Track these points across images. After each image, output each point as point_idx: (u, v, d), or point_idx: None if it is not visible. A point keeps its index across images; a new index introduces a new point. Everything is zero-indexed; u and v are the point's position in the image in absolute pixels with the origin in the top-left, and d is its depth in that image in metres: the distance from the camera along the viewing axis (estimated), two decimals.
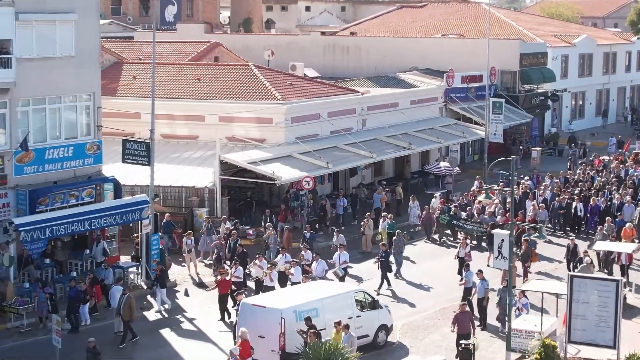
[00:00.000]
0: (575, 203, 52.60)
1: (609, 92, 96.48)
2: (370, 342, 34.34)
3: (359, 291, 34.99)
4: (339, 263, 41.58)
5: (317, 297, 33.02)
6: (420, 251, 49.07)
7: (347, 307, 33.70)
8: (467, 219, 50.62)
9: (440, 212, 51.27)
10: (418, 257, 47.68)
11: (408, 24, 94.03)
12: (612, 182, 57.55)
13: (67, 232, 39.08)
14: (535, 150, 71.44)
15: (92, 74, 43.61)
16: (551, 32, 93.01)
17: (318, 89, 58.70)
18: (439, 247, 50.47)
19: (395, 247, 44.83)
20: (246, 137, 53.16)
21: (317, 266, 40.41)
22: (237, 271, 39.91)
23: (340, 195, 53.94)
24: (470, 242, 48.41)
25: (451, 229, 51.29)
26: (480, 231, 49.28)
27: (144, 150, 42.19)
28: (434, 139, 61.31)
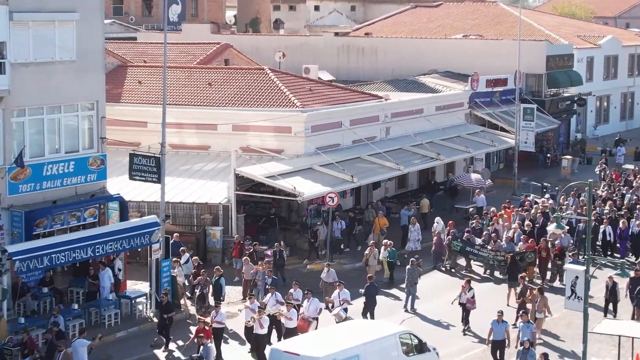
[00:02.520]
0: (604, 226, 46.72)
1: (634, 95, 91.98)
2: None
3: (404, 332, 30.45)
4: (339, 302, 35.90)
5: (358, 342, 28.54)
6: (432, 282, 43.13)
7: (392, 352, 29.33)
8: (482, 246, 44.76)
9: (452, 237, 45.33)
10: (431, 290, 41.73)
11: (423, 24, 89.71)
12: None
13: (68, 260, 34.59)
14: (566, 159, 66.87)
15: (96, 80, 39.26)
16: (573, 32, 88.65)
17: (339, 95, 54.22)
18: (451, 277, 44.40)
19: (408, 278, 39.44)
20: (262, 148, 48.78)
21: (310, 305, 34.70)
22: (219, 316, 33.97)
23: (337, 217, 46.99)
24: (486, 272, 44.52)
25: (465, 256, 45.37)
26: (497, 260, 43.75)
27: (153, 165, 37.71)
28: (462, 148, 56.81)
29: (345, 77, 72.23)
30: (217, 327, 33.60)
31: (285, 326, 33.86)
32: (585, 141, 78.59)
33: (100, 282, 37.27)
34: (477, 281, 42.82)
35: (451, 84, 69.26)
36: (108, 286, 37.27)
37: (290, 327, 33.62)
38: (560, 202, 51.76)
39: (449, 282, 43.43)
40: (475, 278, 43.23)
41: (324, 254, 45.53)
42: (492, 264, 44.28)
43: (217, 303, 35.42)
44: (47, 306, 36.81)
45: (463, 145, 57.20)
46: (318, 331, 31.67)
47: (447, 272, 45.11)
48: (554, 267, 43.51)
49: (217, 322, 33.63)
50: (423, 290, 40.29)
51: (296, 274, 43.21)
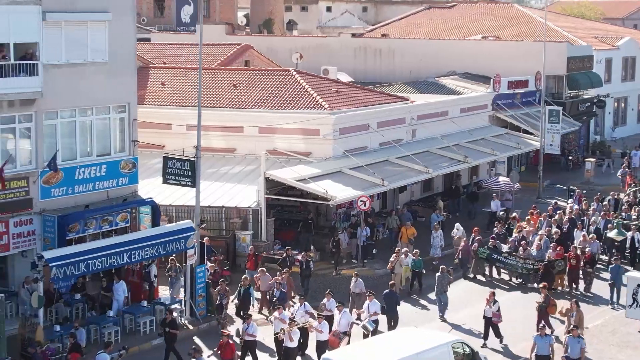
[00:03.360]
0: (632, 233, 44.23)
1: None
2: None
3: (456, 341, 29.56)
4: (368, 314, 34.29)
5: (412, 352, 27.61)
6: (460, 291, 41.43)
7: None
8: (510, 253, 43.22)
9: (479, 244, 43.66)
10: (459, 299, 40.08)
11: (438, 25, 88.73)
12: None
13: (104, 266, 33.69)
14: (589, 162, 65.98)
15: (127, 82, 38.61)
16: (590, 34, 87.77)
17: (365, 97, 53.34)
18: (480, 285, 42.85)
19: (438, 285, 38.14)
20: (289, 151, 47.85)
21: (341, 318, 33.19)
22: (250, 328, 32.43)
23: (362, 224, 45.46)
24: (514, 279, 43.01)
25: (491, 264, 43.85)
26: (526, 268, 42.25)
27: (188, 169, 36.90)
28: (488, 151, 55.89)
29: (362, 79, 71.26)
30: (249, 340, 32.34)
31: (317, 339, 32.49)
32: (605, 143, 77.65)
33: (114, 294, 35.88)
34: (505, 290, 41.86)
35: (471, 86, 68.45)
36: (122, 300, 35.89)
37: (321, 340, 32.29)
38: (584, 208, 50.77)
39: (477, 291, 41.68)
40: (503, 287, 42.23)
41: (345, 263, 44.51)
42: (520, 272, 42.67)
43: (247, 315, 33.81)
44: (80, 313, 36.02)
45: (489, 148, 56.32)
46: (369, 340, 30.73)
47: (473, 280, 43.55)
48: (585, 275, 42.09)
49: (249, 334, 32.29)
50: (451, 300, 38.83)
51: (327, 280, 42.34)
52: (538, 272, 41.54)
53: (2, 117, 34.12)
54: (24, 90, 34.21)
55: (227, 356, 30.96)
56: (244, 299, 36.67)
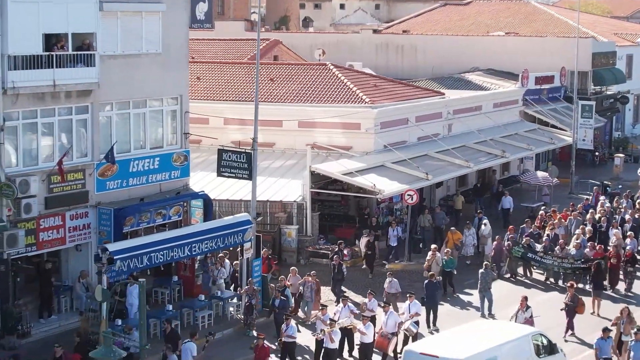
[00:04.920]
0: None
1: None
2: None
3: (535, 333, 29.16)
4: (409, 315, 33.03)
5: (496, 343, 27.23)
6: (497, 291, 38.98)
7: (525, 353, 28.03)
8: (545, 252, 41.71)
9: (512, 242, 42.29)
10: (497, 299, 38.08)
11: (455, 22, 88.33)
12: None
13: (166, 259, 33.23)
14: (618, 157, 65.68)
15: (180, 74, 38.14)
16: (609, 30, 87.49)
17: (403, 91, 53.03)
18: (515, 285, 41.62)
19: (481, 282, 37.19)
20: (330, 145, 47.39)
21: (388, 319, 31.95)
22: (289, 329, 31.28)
23: (393, 223, 44.50)
24: (548, 280, 41.79)
25: (526, 263, 42.58)
26: (563, 267, 40.94)
27: (244, 161, 36.49)
28: (524, 146, 55.55)
29: (384, 75, 70.73)
30: (288, 342, 31.31)
31: (361, 341, 31.54)
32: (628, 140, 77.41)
33: (128, 299, 33.88)
34: (542, 290, 40.90)
35: (497, 82, 68.18)
36: (136, 304, 33.58)
37: (365, 342, 31.34)
38: (615, 205, 50.16)
39: (513, 290, 40.13)
40: (539, 287, 41.26)
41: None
42: (557, 272, 41.43)
43: (287, 315, 32.93)
44: None
45: (524, 143, 55.97)
46: (448, 332, 30.20)
47: (508, 280, 42.16)
48: (626, 274, 40.92)
49: (288, 335, 31.27)
50: None
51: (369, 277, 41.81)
52: (576, 272, 40.45)
53: (60, 109, 33.57)
54: (81, 81, 33.70)
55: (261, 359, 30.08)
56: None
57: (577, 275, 40.47)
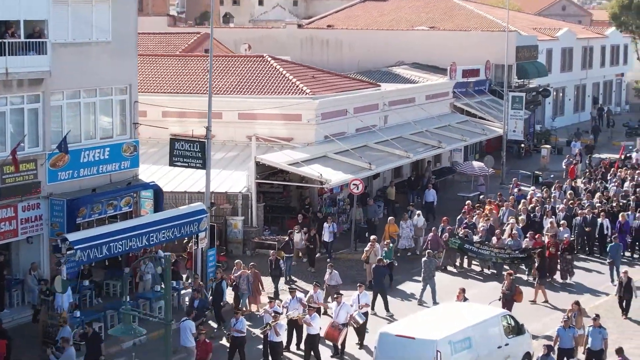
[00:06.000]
0: (601, 219, 44.51)
1: (585, 87, 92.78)
2: None
3: (504, 314, 29.50)
4: (358, 306, 32.61)
5: (469, 324, 27.47)
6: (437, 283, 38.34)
7: (497, 335, 28.33)
8: (482, 242, 41.74)
9: (449, 233, 42.22)
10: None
11: (376, 17, 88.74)
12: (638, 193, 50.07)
13: (124, 249, 32.71)
14: (544, 148, 66.79)
15: (129, 63, 37.57)
16: (529, 25, 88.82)
17: (340, 83, 53.18)
18: (453, 276, 41.47)
19: (425, 271, 37.23)
20: (271, 136, 47.19)
21: (340, 310, 31.55)
22: (238, 324, 30.52)
23: (329, 219, 43.77)
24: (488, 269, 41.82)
25: (463, 254, 42.62)
26: (502, 258, 40.83)
27: (197, 150, 36.15)
28: (458, 137, 56.12)
29: None
30: (237, 336, 30.54)
31: (307, 332, 31.04)
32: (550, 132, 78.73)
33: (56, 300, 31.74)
34: (480, 281, 40.90)
35: (424, 75, 68.71)
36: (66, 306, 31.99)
37: (312, 334, 30.82)
38: (545, 195, 50.72)
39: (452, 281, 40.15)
40: (477, 278, 41.30)
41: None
42: (494, 262, 41.41)
43: (236, 309, 32.49)
44: (87, 300, 35.00)
45: (458, 134, 56.52)
46: (421, 314, 30.31)
47: (445, 272, 41.83)
48: (564, 263, 40.91)
49: (237, 330, 30.51)
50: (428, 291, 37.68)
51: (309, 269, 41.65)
52: (514, 262, 40.66)
53: (12, 97, 32.86)
54: (34, 70, 32.96)
55: (201, 355, 29.08)
56: (216, 293, 34.81)
57: (515, 265, 40.79)
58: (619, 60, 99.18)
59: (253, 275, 35.87)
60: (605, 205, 47.25)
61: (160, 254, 36.23)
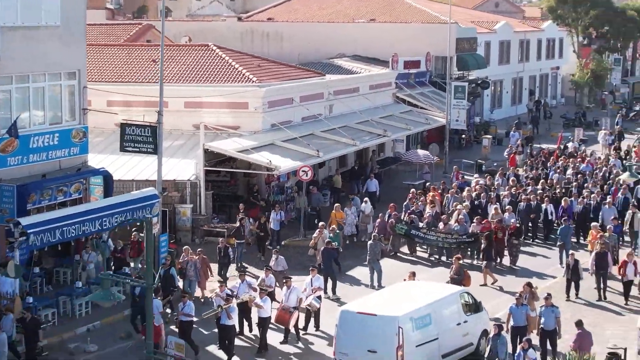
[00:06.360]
0: (545, 205, 44.98)
1: (522, 80, 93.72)
2: (473, 351, 29.06)
3: (463, 291, 29.69)
4: (311, 290, 32.66)
5: (428, 301, 27.62)
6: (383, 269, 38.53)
7: (456, 311, 28.54)
8: (429, 228, 42.08)
9: (395, 219, 42.39)
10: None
11: (315, 11, 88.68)
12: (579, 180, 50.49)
13: (78, 234, 32.45)
14: (486, 139, 67.36)
15: (78, 48, 37.14)
16: (467, 19, 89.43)
17: (286, 72, 53.26)
18: (400, 262, 41.44)
19: (370, 254, 37.64)
20: (217, 125, 46.98)
21: (290, 293, 31.59)
22: (186, 308, 30.29)
23: (276, 207, 43.83)
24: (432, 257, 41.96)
25: (410, 240, 42.59)
26: (449, 243, 41.20)
27: (149, 135, 35.84)
28: (403, 126, 56.45)
29: None
30: (185, 321, 30.18)
31: (259, 315, 31.08)
32: (489, 124, 79.41)
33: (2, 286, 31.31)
34: (428, 267, 41.08)
35: (365, 67, 68.78)
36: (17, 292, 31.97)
37: (263, 317, 30.83)
38: (489, 183, 51.12)
39: (399, 267, 40.16)
40: (426, 264, 41.48)
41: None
42: (441, 247, 41.77)
43: (183, 293, 32.27)
44: (38, 287, 34.59)
45: (403, 123, 56.81)
46: (380, 292, 30.40)
47: (394, 257, 41.88)
48: (510, 247, 41.28)
49: (185, 314, 30.18)
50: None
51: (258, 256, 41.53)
52: (461, 247, 40.97)
53: None
54: None
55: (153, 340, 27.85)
56: (164, 280, 33.95)
57: (462, 249, 41.09)
58: (554, 53, 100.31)
59: (201, 262, 35.73)
60: (549, 192, 47.78)
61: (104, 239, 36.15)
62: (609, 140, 69.30)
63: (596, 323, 31.81)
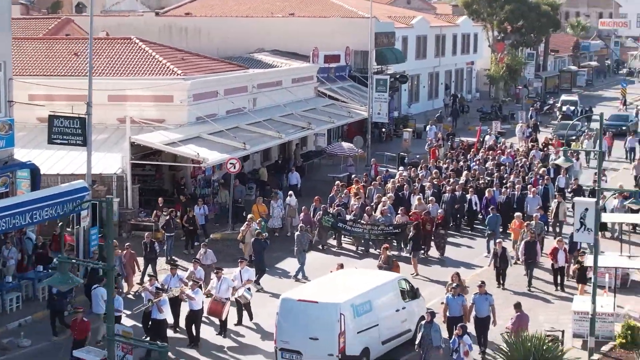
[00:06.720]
0: (470, 195, 45.63)
1: (438, 75, 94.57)
2: (411, 337, 29.22)
3: (400, 278, 29.84)
4: (240, 282, 32.44)
5: (368, 288, 27.73)
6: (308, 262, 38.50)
7: (395, 298, 28.73)
8: (355, 220, 42.16)
9: (323, 212, 42.21)
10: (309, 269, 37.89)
11: (233, 6, 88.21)
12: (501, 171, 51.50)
13: (8, 227, 31.77)
14: (406, 132, 67.79)
15: (3, 40, 36.37)
16: (384, 14, 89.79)
17: (210, 65, 53.04)
18: (327, 254, 41.44)
19: (297, 244, 37.92)
20: (142, 118, 46.53)
21: (221, 285, 31.43)
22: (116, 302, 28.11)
23: (200, 202, 43.51)
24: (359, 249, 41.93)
25: (336, 232, 42.72)
26: (375, 234, 41.25)
27: (78, 127, 35.36)
28: (327, 119, 56.54)
29: None
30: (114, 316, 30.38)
31: (190, 308, 30.59)
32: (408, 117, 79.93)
33: None
34: (356, 258, 41.05)
35: (285, 61, 68.78)
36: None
37: (194, 309, 30.46)
38: (412, 175, 51.46)
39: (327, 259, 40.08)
40: (354, 256, 41.43)
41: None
42: (367, 239, 41.84)
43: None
44: None
45: (326, 116, 56.92)
46: (319, 280, 30.30)
47: (321, 251, 41.92)
48: (438, 238, 41.40)
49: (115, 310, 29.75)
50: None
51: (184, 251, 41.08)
52: (388, 238, 41.07)
53: None
54: None
55: (80, 336, 27.88)
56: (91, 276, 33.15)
57: (389, 240, 41.30)
58: (469, 48, 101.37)
59: (128, 256, 35.33)
60: (473, 182, 48.28)
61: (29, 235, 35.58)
62: (527, 133, 70.37)
63: (529, 308, 32.16)
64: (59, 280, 16.48)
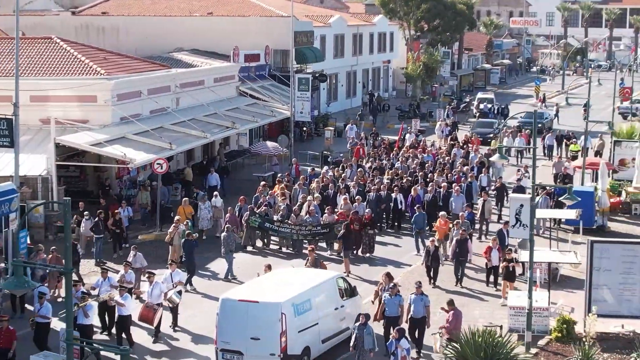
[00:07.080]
0: (395, 194, 45.55)
1: (356, 73, 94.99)
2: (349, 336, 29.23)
3: (339, 277, 29.89)
4: (172, 284, 32.10)
5: (308, 287, 27.73)
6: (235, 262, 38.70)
7: (333, 296, 28.78)
8: (282, 221, 41.80)
9: (250, 212, 41.88)
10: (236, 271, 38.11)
11: (149, 6, 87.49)
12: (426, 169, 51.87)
13: None
14: (328, 130, 67.97)
15: None
16: (301, 13, 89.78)
17: (132, 64, 52.57)
18: (254, 255, 41.29)
19: (224, 246, 37.93)
20: (66, 119, 45.85)
21: (153, 289, 31.03)
22: (43, 309, 29.11)
23: (123, 204, 43.00)
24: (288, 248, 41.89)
25: (264, 233, 42.43)
26: (303, 234, 41.11)
27: (4, 128, 34.84)
28: (250, 118, 56.43)
29: None
30: (42, 322, 28.88)
31: (118, 313, 30.03)
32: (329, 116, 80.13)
33: None
34: (284, 259, 40.83)
35: (205, 60, 68.53)
36: None
37: (123, 315, 29.90)
38: (337, 174, 51.38)
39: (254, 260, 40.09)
40: (281, 256, 41.32)
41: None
42: (295, 240, 41.61)
43: (40, 293, 30.50)
44: None
45: (249, 116, 56.82)
46: (257, 280, 30.01)
47: (247, 252, 41.65)
48: (367, 237, 41.29)
49: (41, 316, 28.97)
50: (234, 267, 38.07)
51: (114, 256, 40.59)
52: (316, 238, 41.01)
53: None
54: None
55: (5, 345, 26.93)
56: None
57: (317, 240, 41.28)
58: (386, 47, 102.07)
59: (53, 260, 34.78)
60: (397, 181, 48.47)
61: None
62: (446, 131, 71.04)
63: (462, 304, 32.46)
64: (14, 284, 16.16)
